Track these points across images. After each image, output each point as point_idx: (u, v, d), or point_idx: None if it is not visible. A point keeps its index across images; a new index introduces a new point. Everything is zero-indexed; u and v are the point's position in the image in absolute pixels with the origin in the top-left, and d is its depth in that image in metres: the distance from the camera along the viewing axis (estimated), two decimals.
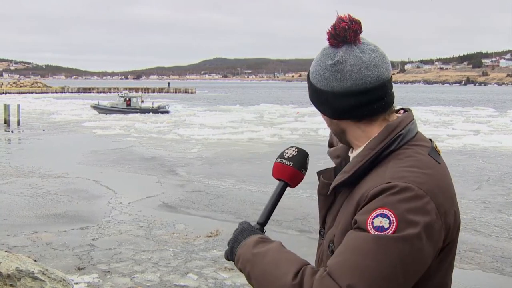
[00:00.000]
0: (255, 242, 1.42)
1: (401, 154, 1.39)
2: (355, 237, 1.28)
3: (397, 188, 1.28)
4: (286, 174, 1.56)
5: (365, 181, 1.38)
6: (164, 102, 54.92)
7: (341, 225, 1.40)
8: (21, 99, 65.31)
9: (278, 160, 1.59)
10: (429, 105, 64.11)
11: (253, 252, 1.39)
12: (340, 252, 1.28)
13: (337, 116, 1.46)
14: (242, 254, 1.42)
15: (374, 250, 1.23)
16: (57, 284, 5.16)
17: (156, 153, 20.52)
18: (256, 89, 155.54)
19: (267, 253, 1.37)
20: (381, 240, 1.23)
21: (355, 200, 1.36)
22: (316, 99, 1.49)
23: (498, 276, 7.76)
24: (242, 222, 1.53)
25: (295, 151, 1.58)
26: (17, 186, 13.59)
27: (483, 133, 28.43)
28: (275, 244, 1.41)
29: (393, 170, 1.34)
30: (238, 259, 1.43)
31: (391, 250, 1.23)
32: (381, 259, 1.22)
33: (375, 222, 1.25)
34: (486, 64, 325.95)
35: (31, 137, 26.27)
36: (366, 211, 1.29)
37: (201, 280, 7.29)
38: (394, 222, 1.24)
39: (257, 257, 1.38)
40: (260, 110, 49.36)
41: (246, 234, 1.47)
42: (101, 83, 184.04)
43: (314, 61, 1.49)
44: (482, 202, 12.35)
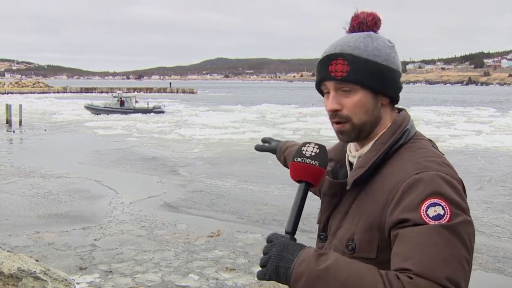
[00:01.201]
0: (316, 256, 1.29)
1: (411, 147, 1.42)
2: (420, 233, 1.25)
3: (428, 177, 1.31)
4: (312, 175, 1.41)
5: (384, 176, 1.39)
6: (160, 102, 54.59)
7: (362, 221, 1.39)
8: (23, 99, 65.35)
9: (298, 159, 1.43)
10: (430, 105, 64.05)
11: (320, 268, 1.26)
12: (412, 251, 1.24)
13: (397, 95, 1.50)
14: (305, 272, 1.27)
15: (448, 238, 1.25)
16: (59, 284, 5.16)
17: (158, 153, 20.53)
18: (257, 89, 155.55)
19: (338, 266, 1.26)
20: (449, 228, 1.26)
21: (382, 195, 1.36)
22: (383, 79, 1.45)
23: (499, 277, 7.75)
24: (274, 235, 1.37)
25: (316, 148, 1.44)
26: (18, 186, 13.61)
27: (485, 133, 28.41)
28: (336, 255, 1.30)
29: (413, 161, 1.37)
30: (299, 278, 1.28)
31: (461, 234, 1.26)
32: (458, 245, 1.26)
33: (430, 213, 1.26)
34: (488, 64, 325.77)
35: (33, 137, 26.29)
36: (412, 207, 1.28)
37: (203, 281, 7.28)
38: (447, 208, 1.27)
39: (329, 273, 1.25)
40: (262, 110, 49.36)
41: (293, 250, 1.32)
42: (103, 83, 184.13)
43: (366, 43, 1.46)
44: (484, 202, 12.34)
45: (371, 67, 1.43)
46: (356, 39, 1.47)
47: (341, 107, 1.45)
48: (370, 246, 1.39)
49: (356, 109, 1.44)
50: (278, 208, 10.65)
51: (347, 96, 1.45)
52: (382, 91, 1.46)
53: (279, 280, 1.32)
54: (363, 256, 1.38)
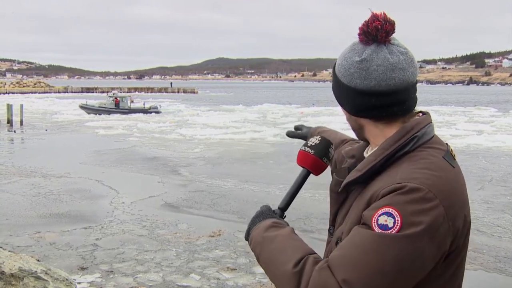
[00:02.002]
0: (268, 226, 1.45)
1: (415, 156, 1.38)
2: (358, 232, 1.29)
3: (406, 188, 1.28)
4: (308, 162, 1.57)
5: (377, 181, 1.38)
6: (156, 102, 54.32)
7: (350, 222, 1.41)
8: (24, 99, 65.42)
9: (302, 148, 1.60)
10: (431, 105, 64.01)
11: (264, 235, 1.43)
12: (343, 246, 1.31)
13: (355, 113, 1.47)
14: (254, 236, 1.46)
15: (374, 247, 1.23)
16: (60, 284, 5.16)
17: (159, 153, 20.54)
18: (259, 89, 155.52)
19: (276, 238, 1.40)
20: (383, 239, 1.24)
21: (366, 199, 1.37)
22: (338, 92, 1.50)
23: (501, 277, 7.75)
24: (263, 205, 1.57)
25: (318, 139, 1.59)
26: (19, 186, 13.62)
27: (486, 133, 28.39)
28: (286, 230, 1.43)
29: (405, 171, 1.33)
30: (251, 240, 1.48)
31: (391, 248, 1.23)
32: (380, 257, 1.23)
33: (380, 220, 1.25)
34: (489, 64, 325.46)
35: (34, 137, 26.31)
36: (373, 208, 1.30)
37: (204, 280, 7.29)
38: (398, 222, 1.24)
39: (265, 241, 1.41)
40: (263, 110, 49.33)
41: (262, 217, 1.51)
42: (104, 83, 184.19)
43: (342, 54, 1.49)
44: (485, 202, 12.33)
45: (335, 81, 1.50)
46: (345, 49, 1.50)
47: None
48: None
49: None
50: None
51: None
52: (341, 105, 1.51)
53: (246, 240, 1.52)
54: None
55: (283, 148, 21.56)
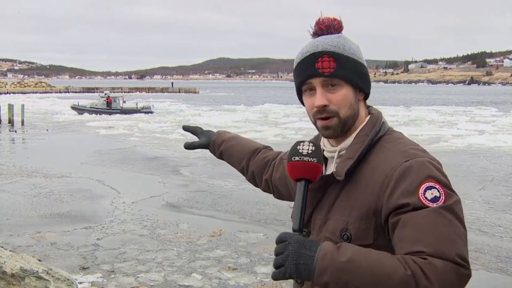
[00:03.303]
0: (336, 249, 1.32)
1: (389, 139, 1.52)
2: (423, 216, 1.33)
3: (418, 163, 1.40)
4: (311, 172, 1.46)
5: (371, 166, 1.46)
6: (149, 102, 53.97)
7: (356, 211, 1.44)
8: (25, 99, 65.43)
9: (296, 159, 1.47)
10: (431, 105, 63.97)
11: (344, 260, 1.30)
12: (419, 234, 1.32)
13: (369, 91, 1.59)
14: (329, 266, 1.30)
15: (449, 218, 1.33)
16: (61, 284, 5.17)
17: (160, 153, 20.54)
18: (260, 89, 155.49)
19: (359, 256, 1.31)
20: (448, 208, 1.34)
21: (374, 184, 1.43)
22: (362, 75, 1.55)
23: (502, 277, 7.74)
24: (285, 234, 1.38)
25: (311, 145, 1.49)
26: (20, 186, 13.62)
27: (487, 133, 28.36)
28: (352, 246, 1.35)
29: (400, 150, 1.46)
30: (323, 272, 1.30)
31: (457, 212, 1.36)
32: (457, 223, 1.34)
33: (428, 196, 1.35)
34: (490, 64, 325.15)
35: (35, 137, 26.32)
36: (410, 192, 1.36)
37: (205, 280, 7.29)
38: (441, 190, 1.36)
39: (353, 264, 1.29)
40: (264, 110, 49.31)
41: (310, 246, 1.34)
42: (105, 83, 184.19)
43: (342, 42, 1.55)
44: (486, 202, 12.31)
45: (352, 64, 1.53)
46: (331, 39, 1.54)
47: (329, 103, 1.51)
48: (367, 233, 1.43)
49: (343, 103, 1.51)
50: (280, 208, 10.64)
51: (333, 92, 1.51)
52: (360, 86, 1.55)
53: (300, 277, 1.34)
54: (360, 244, 1.40)
55: (284, 148, 21.31)
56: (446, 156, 18.99)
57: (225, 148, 2.18)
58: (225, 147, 2.18)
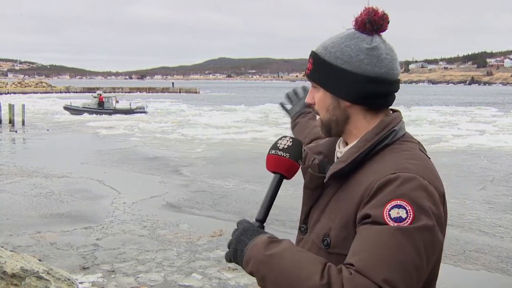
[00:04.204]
0: (267, 243, 1.33)
1: (396, 148, 1.41)
2: (375, 231, 1.25)
3: (404, 178, 1.29)
4: (283, 166, 1.47)
5: (363, 173, 1.38)
6: (143, 102, 53.73)
7: (339, 217, 1.38)
8: (26, 99, 65.41)
9: (272, 152, 1.48)
10: (432, 105, 63.94)
11: (267, 253, 1.30)
12: (362, 248, 1.25)
13: (355, 100, 1.44)
14: (253, 256, 1.33)
15: (400, 242, 1.22)
16: (62, 284, 5.16)
17: (160, 153, 20.54)
18: (260, 89, 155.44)
19: (283, 254, 1.29)
20: (405, 232, 1.23)
21: (358, 192, 1.35)
22: (334, 80, 1.44)
23: (503, 277, 7.73)
24: (241, 221, 1.47)
25: (289, 141, 1.48)
26: (21, 186, 13.62)
27: (488, 133, 28.34)
28: (288, 244, 1.33)
29: (394, 162, 1.35)
30: (248, 261, 1.34)
31: (416, 240, 1.23)
32: (409, 250, 1.22)
33: (392, 214, 1.25)
34: (490, 64, 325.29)
35: (35, 137, 26.32)
36: (378, 204, 1.27)
37: (205, 280, 7.28)
38: (410, 212, 1.24)
39: (273, 259, 1.29)
40: (265, 110, 49.27)
41: (250, 235, 1.39)
42: (106, 83, 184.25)
43: (335, 42, 1.46)
44: (487, 202, 12.31)
45: (327, 69, 1.45)
46: (334, 39, 1.48)
47: (314, 102, 1.51)
48: (346, 242, 1.35)
49: (319, 106, 1.49)
50: (280, 208, 10.63)
51: (316, 93, 1.51)
52: (336, 94, 1.45)
53: (237, 262, 1.39)
54: (339, 252, 1.36)
55: None
56: (447, 156, 18.99)
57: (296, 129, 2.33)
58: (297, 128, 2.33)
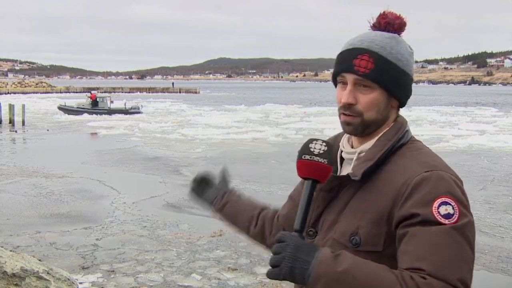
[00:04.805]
0: (333, 258, 1.30)
1: (411, 147, 1.48)
2: (433, 232, 1.30)
3: (439, 175, 1.37)
4: (319, 172, 1.40)
5: (388, 171, 1.43)
6: (138, 102, 53.56)
7: (368, 215, 1.40)
8: (26, 99, 65.40)
9: (306, 157, 1.41)
10: (432, 105, 63.95)
11: (339, 271, 1.27)
12: (426, 251, 1.28)
13: (406, 102, 1.55)
14: (323, 274, 1.28)
15: (458, 240, 1.30)
16: (62, 284, 5.16)
17: (160, 153, 20.53)
18: (260, 89, 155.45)
19: (355, 268, 1.28)
20: (459, 229, 1.31)
21: (390, 190, 1.39)
22: (400, 83, 1.50)
23: (503, 277, 7.73)
24: (284, 235, 1.34)
25: (323, 145, 1.41)
26: (21, 186, 13.62)
27: (488, 133, 28.33)
28: (351, 256, 1.31)
29: (420, 160, 1.42)
30: (318, 280, 1.28)
31: (468, 235, 1.33)
32: (466, 247, 1.31)
33: (441, 211, 1.31)
34: (491, 64, 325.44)
35: (36, 137, 26.33)
36: (424, 203, 1.32)
37: (205, 280, 7.28)
38: (456, 208, 1.32)
39: (346, 276, 1.26)
40: (265, 110, 49.28)
41: (307, 251, 1.31)
42: (106, 83, 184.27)
43: (388, 43, 1.49)
44: (487, 202, 12.30)
45: (392, 70, 1.47)
46: (382, 38, 1.49)
47: (356, 102, 1.47)
48: (377, 239, 1.39)
49: (370, 107, 1.47)
50: None
51: (364, 93, 1.47)
52: (395, 94, 1.50)
53: (294, 281, 1.31)
54: (369, 250, 1.39)
55: (285, 148, 21.55)
56: (447, 157, 18.97)
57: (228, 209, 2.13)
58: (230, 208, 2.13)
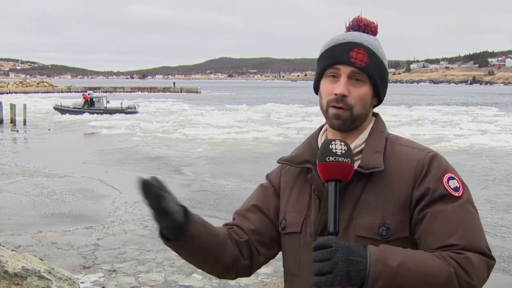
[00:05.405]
0: (384, 254, 1.32)
1: (394, 137, 1.57)
2: (451, 208, 1.41)
3: (438, 155, 1.51)
4: (345, 172, 1.38)
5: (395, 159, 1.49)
6: (134, 102, 53.49)
7: (392, 203, 1.44)
8: (27, 99, 65.52)
9: (331, 159, 1.37)
10: (434, 105, 63.91)
11: (394, 265, 1.30)
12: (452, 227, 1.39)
13: (383, 99, 1.61)
14: (382, 272, 1.29)
15: (472, 211, 1.45)
16: (63, 283, 5.16)
17: (162, 153, 20.54)
18: (262, 89, 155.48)
19: (406, 259, 1.32)
20: (470, 202, 1.46)
21: (407, 175, 1.46)
22: (385, 82, 1.57)
23: (505, 277, 7.72)
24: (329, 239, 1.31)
25: (343, 144, 1.40)
26: (22, 186, 13.63)
27: (490, 133, 28.30)
28: (396, 248, 1.36)
29: (413, 145, 1.54)
30: (378, 278, 1.29)
31: (475, 206, 1.48)
32: (477, 216, 1.47)
33: (451, 185, 1.44)
34: (492, 64, 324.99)
35: (37, 137, 26.36)
36: (436, 179, 1.44)
37: (206, 280, 7.28)
38: (459, 181, 1.47)
39: (403, 267, 1.31)
40: (267, 110, 49.28)
41: (358, 252, 1.31)
42: (107, 83, 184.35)
43: (377, 44, 1.56)
44: (489, 202, 12.30)
45: (381, 67, 1.54)
46: (369, 37, 1.55)
47: (348, 95, 1.49)
48: (404, 225, 1.44)
49: (360, 101, 1.50)
50: None
51: (356, 86, 1.49)
52: (379, 91, 1.55)
53: (350, 284, 1.29)
54: (398, 237, 1.43)
55: (286, 148, 21.53)
56: (449, 156, 18.76)
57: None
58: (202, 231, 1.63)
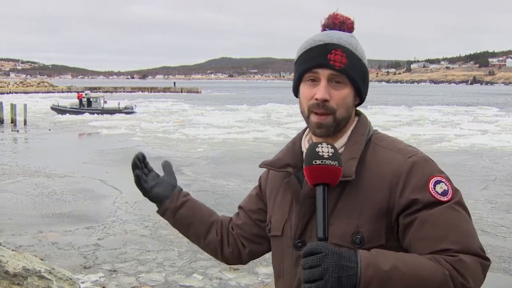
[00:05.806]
0: (374, 258, 1.28)
1: (378, 138, 1.50)
2: (440, 212, 1.35)
3: (421, 158, 1.42)
4: (332, 175, 1.33)
5: (373, 164, 1.42)
6: (132, 102, 53.40)
7: (366, 212, 1.39)
8: (28, 99, 65.53)
9: (317, 162, 1.32)
10: (434, 105, 63.87)
11: (385, 270, 1.26)
12: (443, 231, 1.34)
13: (365, 98, 1.54)
14: (374, 276, 1.25)
15: (462, 213, 1.38)
16: (64, 283, 5.16)
17: (162, 153, 20.53)
18: (262, 89, 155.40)
19: (398, 262, 1.28)
20: (459, 204, 1.38)
21: (382, 183, 1.39)
22: (366, 80, 1.51)
23: (505, 277, 7.72)
24: (318, 245, 1.26)
25: (330, 147, 1.34)
26: (23, 186, 13.64)
27: (490, 133, 28.28)
28: (386, 251, 1.32)
29: (397, 148, 1.45)
30: (370, 283, 1.25)
31: (465, 207, 1.40)
32: (468, 218, 1.40)
33: (438, 190, 1.37)
34: (492, 64, 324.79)
35: (37, 137, 26.36)
36: (420, 188, 1.37)
37: (206, 280, 7.28)
38: (447, 183, 1.39)
39: (396, 271, 1.27)
40: (267, 110, 49.27)
41: (349, 257, 1.26)
42: (107, 83, 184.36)
43: (350, 40, 1.47)
44: (489, 202, 12.29)
45: (361, 66, 1.48)
46: (345, 36, 1.48)
47: (330, 99, 1.43)
48: (379, 233, 1.39)
49: (342, 103, 1.44)
50: None
51: (337, 89, 1.43)
52: (361, 91, 1.49)
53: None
54: (373, 245, 1.36)
55: None
56: (449, 156, 18.96)
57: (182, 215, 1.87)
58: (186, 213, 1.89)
